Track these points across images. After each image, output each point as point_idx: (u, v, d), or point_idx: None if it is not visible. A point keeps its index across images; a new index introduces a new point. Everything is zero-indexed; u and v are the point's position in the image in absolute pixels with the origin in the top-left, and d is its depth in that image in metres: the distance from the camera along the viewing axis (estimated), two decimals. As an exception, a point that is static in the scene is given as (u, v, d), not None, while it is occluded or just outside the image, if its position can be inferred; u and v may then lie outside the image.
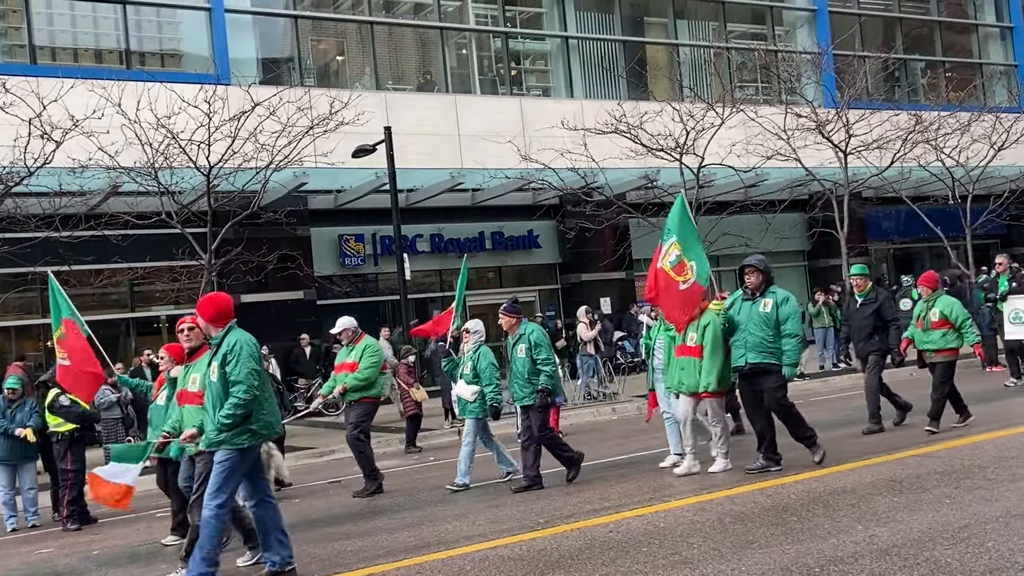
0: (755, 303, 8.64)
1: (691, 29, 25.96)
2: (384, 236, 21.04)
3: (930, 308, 10.19)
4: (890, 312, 10.69)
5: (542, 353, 9.14)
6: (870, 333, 10.67)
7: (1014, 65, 30.16)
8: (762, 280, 8.71)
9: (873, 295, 10.75)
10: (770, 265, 8.90)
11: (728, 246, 20.39)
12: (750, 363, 8.55)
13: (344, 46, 22.69)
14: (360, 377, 9.93)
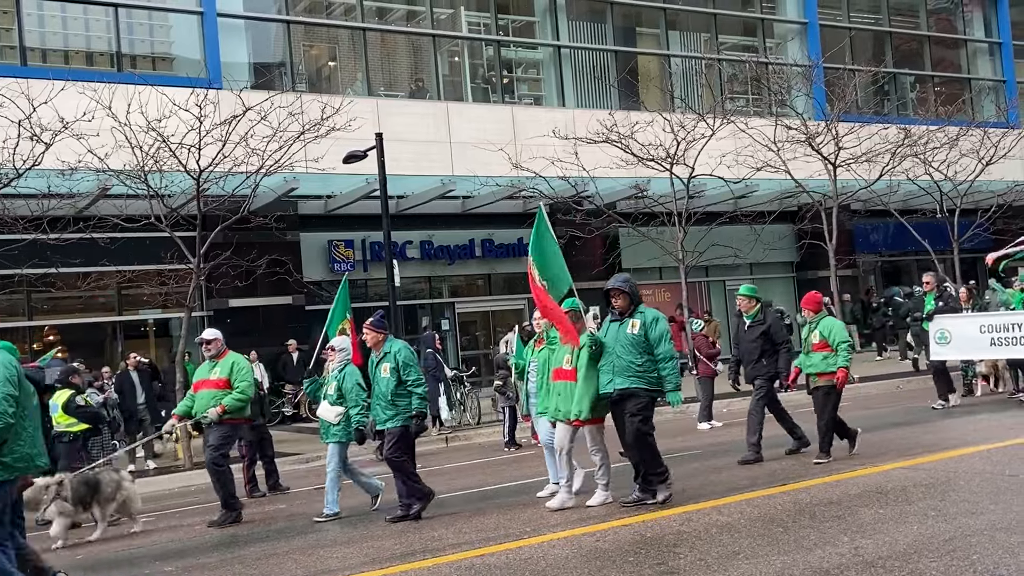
0: (623, 324, 8.12)
1: (683, 40, 26.07)
2: (374, 242, 21.02)
3: (812, 330, 9.75)
4: (779, 335, 10.24)
5: (412, 374, 8.48)
6: (758, 356, 10.23)
7: (1002, 80, 30.38)
8: (629, 302, 8.18)
9: (761, 316, 10.31)
10: (636, 286, 8.39)
11: (717, 256, 20.47)
12: (618, 389, 8.00)
13: (336, 52, 22.69)
14: (243, 397, 9.31)
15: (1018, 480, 7.72)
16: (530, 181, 19.35)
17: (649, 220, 20.32)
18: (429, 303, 22.71)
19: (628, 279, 8.40)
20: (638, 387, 7.95)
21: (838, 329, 9.64)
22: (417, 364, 8.70)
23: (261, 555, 7.71)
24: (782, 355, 10.12)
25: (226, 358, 9.48)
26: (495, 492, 9.90)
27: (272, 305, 19.67)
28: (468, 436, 15.73)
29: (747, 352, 10.42)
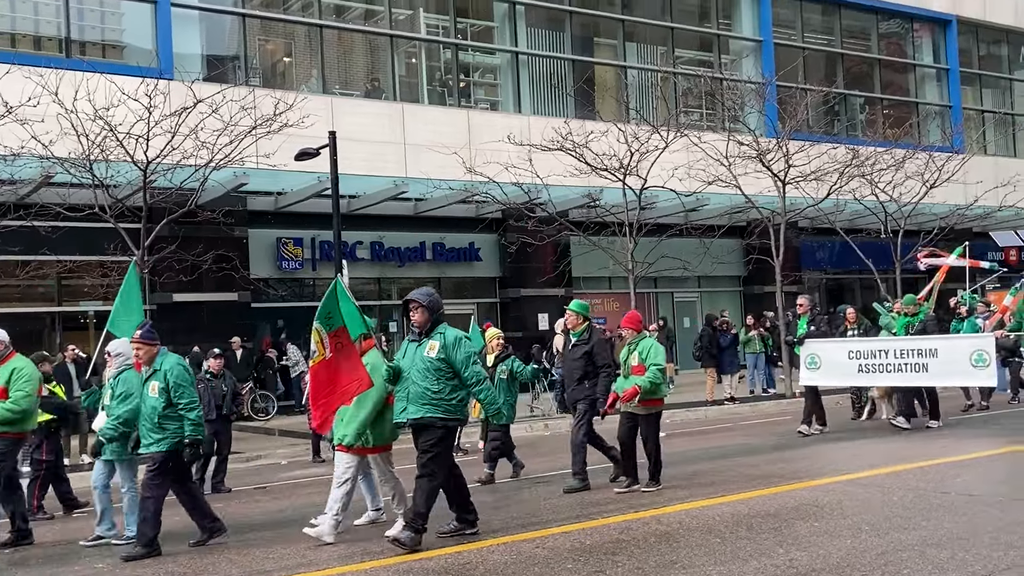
0: (421, 346, 7.17)
1: (640, 52, 26.28)
2: (323, 241, 20.84)
3: (631, 352, 9.13)
4: (602, 356, 9.46)
5: (184, 396, 7.49)
6: (580, 378, 9.48)
7: (948, 106, 31.10)
8: (429, 318, 7.18)
9: (586, 335, 9.53)
10: (439, 300, 7.37)
11: (666, 268, 20.61)
12: (411, 418, 7.06)
13: (292, 48, 22.48)
14: (15, 408, 8.06)
15: (949, 497, 7.87)
16: (483, 186, 19.34)
17: (600, 229, 20.41)
18: (378, 304, 22.56)
19: (431, 292, 7.37)
20: (433, 416, 7.04)
21: (655, 351, 9.08)
22: (192, 384, 7.65)
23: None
24: (602, 379, 9.31)
25: (7, 363, 8.22)
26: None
27: (217, 301, 19.38)
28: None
29: (569, 373, 9.71)
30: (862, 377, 12.90)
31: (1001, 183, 24.33)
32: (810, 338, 13.22)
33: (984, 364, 11.59)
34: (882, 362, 12.46)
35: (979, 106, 32.55)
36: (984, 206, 24.58)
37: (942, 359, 11.99)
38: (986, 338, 12.23)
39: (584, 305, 9.79)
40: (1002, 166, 28.99)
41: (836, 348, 13.05)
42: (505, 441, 10.58)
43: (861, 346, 12.89)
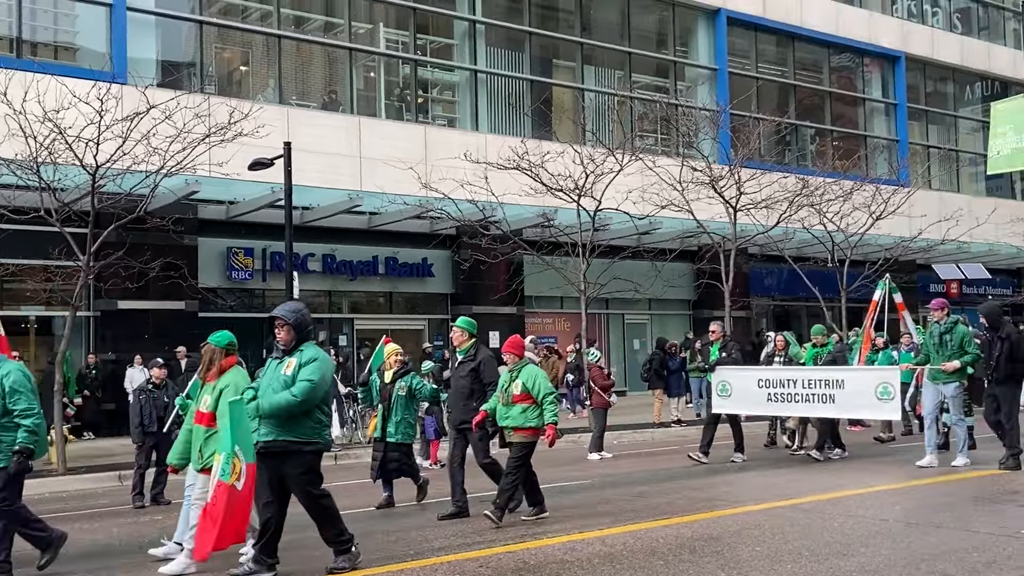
0: (281, 363, 6.79)
1: (597, 75, 26.53)
2: (275, 252, 20.65)
3: (513, 379, 8.71)
4: (489, 373, 9.09)
5: (21, 402, 6.97)
6: (467, 396, 9.16)
7: (895, 140, 31.82)
8: (294, 336, 6.76)
9: (473, 352, 9.20)
10: (306, 318, 6.89)
11: (618, 290, 20.76)
12: (263, 440, 6.63)
13: (249, 57, 22.31)
14: None
15: (887, 524, 8.00)
16: (439, 202, 19.33)
17: (554, 249, 20.51)
18: (328, 318, 22.38)
19: (299, 309, 6.95)
20: (290, 440, 6.60)
21: (542, 379, 8.70)
22: (29, 390, 7.10)
23: None
24: (489, 396, 8.98)
25: None
26: (382, 513, 9.77)
27: (163, 309, 19.08)
28: (358, 454, 15.49)
29: (456, 391, 9.39)
30: (771, 406, 12.91)
31: (944, 217, 24.93)
32: (721, 365, 13.18)
33: (889, 397, 11.63)
34: (790, 391, 12.49)
35: (925, 141, 33.36)
36: (928, 239, 25.15)
37: (848, 391, 12.02)
38: (891, 371, 12.28)
39: (471, 322, 9.45)
40: (946, 201, 29.74)
41: (746, 376, 13.04)
42: (406, 461, 10.04)
43: (771, 375, 12.90)
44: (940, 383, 11.62)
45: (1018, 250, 29.68)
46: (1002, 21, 36.15)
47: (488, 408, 8.93)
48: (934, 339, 11.70)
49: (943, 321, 11.64)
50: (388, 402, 9.95)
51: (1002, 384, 11.37)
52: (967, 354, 11.46)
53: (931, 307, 11.87)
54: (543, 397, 8.60)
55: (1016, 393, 11.57)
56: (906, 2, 33.00)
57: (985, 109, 30.93)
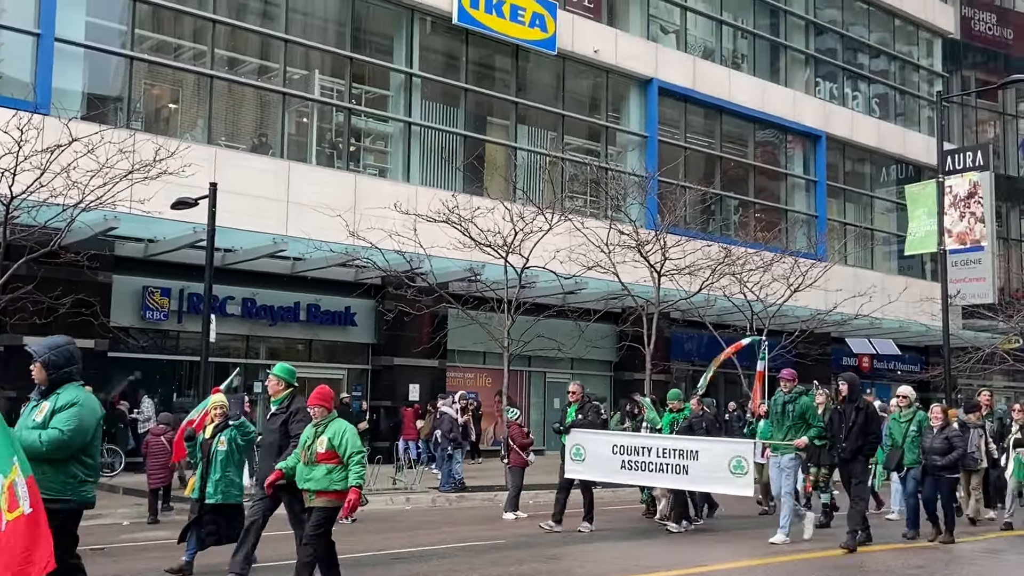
0: (36, 406, 6.06)
1: (531, 135, 26.85)
2: (193, 293, 20.15)
3: (318, 435, 7.75)
4: (297, 427, 8.38)
5: None
6: (276, 453, 8.47)
7: (814, 216, 32.80)
8: (47, 376, 6.05)
9: (287, 403, 8.59)
10: (66, 354, 6.13)
11: (541, 348, 20.75)
12: None
13: (180, 95, 21.99)
14: None
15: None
16: (365, 251, 19.15)
17: (479, 304, 20.46)
18: (245, 363, 21.85)
19: (56, 345, 6.16)
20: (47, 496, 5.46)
21: (351, 435, 7.74)
22: None
23: None
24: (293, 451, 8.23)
25: None
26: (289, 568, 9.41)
27: (72, 347, 18.38)
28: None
29: (267, 446, 8.70)
30: (624, 474, 12.25)
31: (858, 293, 25.67)
32: (577, 427, 12.45)
33: (742, 471, 11.23)
34: (644, 460, 11.90)
35: (842, 218, 34.45)
36: (842, 313, 25.83)
37: (702, 462, 11.54)
38: (745, 444, 11.89)
39: (288, 369, 8.80)
40: (860, 277, 30.67)
41: (601, 441, 12.36)
42: (227, 525, 8.98)
43: (626, 441, 12.36)
44: (779, 453, 11.43)
45: (927, 328, 30.65)
46: (917, 109, 37.84)
47: (285, 467, 7.96)
48: (777, 408, 11.51)
49: (788, 391, 11.45)
50: (207, 459, 9.05)
51: (850, 463, 11.16)
52: (811, 427, 11.31)
53: (780, 376, 11.64)
54: (350, 456, 7.62)
55: (866, 472, 11.42)
56: (828, 84, 34.31)
57: (900, 191, 32.18)
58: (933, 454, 11.71)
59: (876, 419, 11.40)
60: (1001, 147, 41.31)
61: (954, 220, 22.58)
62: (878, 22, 36.32)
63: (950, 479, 11.94)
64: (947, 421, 12.08)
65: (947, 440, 11.76)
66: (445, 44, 25.36)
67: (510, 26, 24.99)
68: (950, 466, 11.75)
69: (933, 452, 11.72)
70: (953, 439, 11.79)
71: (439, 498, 16.59)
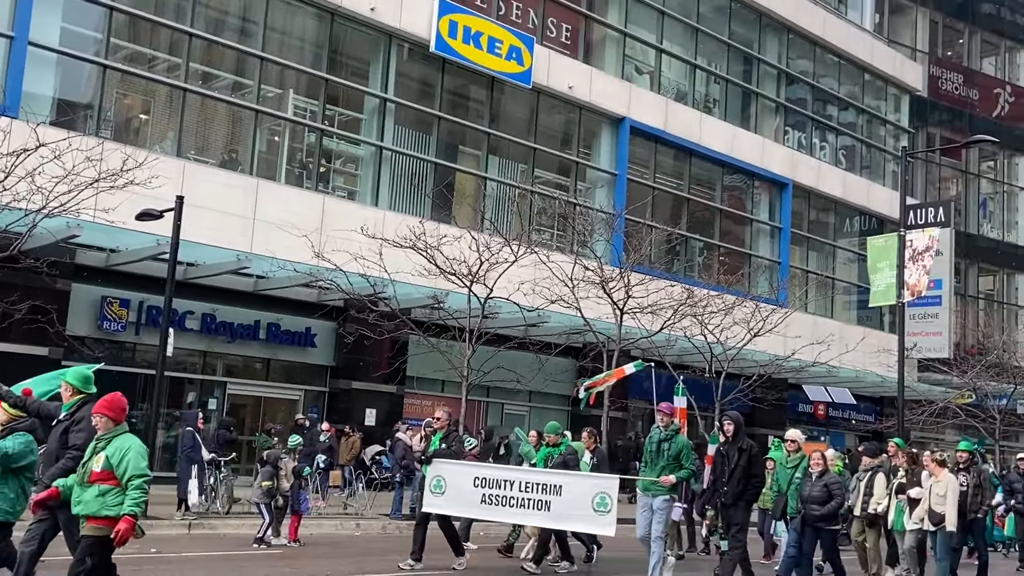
0: None
1: (501, 166, 26.99)
2: (152, 306, 19.94)
3: (96, 451, 6.82)
4: (77, 436, 7.51)
5: None
6: (55, 462, 7.63)
7: (777, 262, 33.21)
8: None
9: (75, 409, 7.73)
10: None
11: (500, 379, 20.76)
12: None
13: (151, 106, 21.86)
14: None
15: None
16: (329, 273, 19.09)
17: (441, 332, 20.43)
18: (200, 379, 21.62)
19: None
20: None
21: (134, 454, 6.74)
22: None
23: None
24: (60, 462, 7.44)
25: None
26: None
27: (25, 354, 18.07)
28: (214, 525, 14.84)
29: (45, 459, 7.89)
30: (485, 509, 11.46)
31: (817, 340, 25.98)
32: (440, 458, 11.65)
33: (606, 509, 10.61)
34: (506, 494, 11.08)
35: (804, 266, 34.90)
36: (800, 360, 26.09)
37: (565, 499, 10.85)
38: (610, 480, 11.15)
39: (83, 376, 7.92)
40: (819, 325, 31.05)
41: (463, 472, 11.56)
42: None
43: (488, 473, 11.56)
44: (650, 494, 10.74)
45: (882, 379, 31.06)
46: (883, 162, 38.57)
47: (63, 485, 6.97)
48: (652, 446, 10.82)
49: (666, 428, 10.79)
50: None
51: (732, 507, 10.74)
52: (683, 468, 10.68)
53: (658, 410, 10.98)
54: (129, 479, 6.64)
55: (746, 518, 10.94)
56: (797, 134, 34.90)
57: (862, 242, 32.69)
58: (811, 503, 10.95)
59: (760, 461, 10.91)
60: (963, 205, 42.17)
61: (911, 273, 22.98)
62: (848, 75, 37.08)
63: (830, 531, 11.22)
64: (827, 467, 11.26)
65: (826, 488, 10.96)
66: (421, 71, 25.51)
67: (487, 57, 25.20)
68: (829, 516, 10.97)
69: (811, 501, 10.95)
70: (832, 487, 11.00)
71: (389, 525, 16.45)
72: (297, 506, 13.65)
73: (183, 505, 15.03)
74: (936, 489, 11.88)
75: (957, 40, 43.99)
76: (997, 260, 43.32)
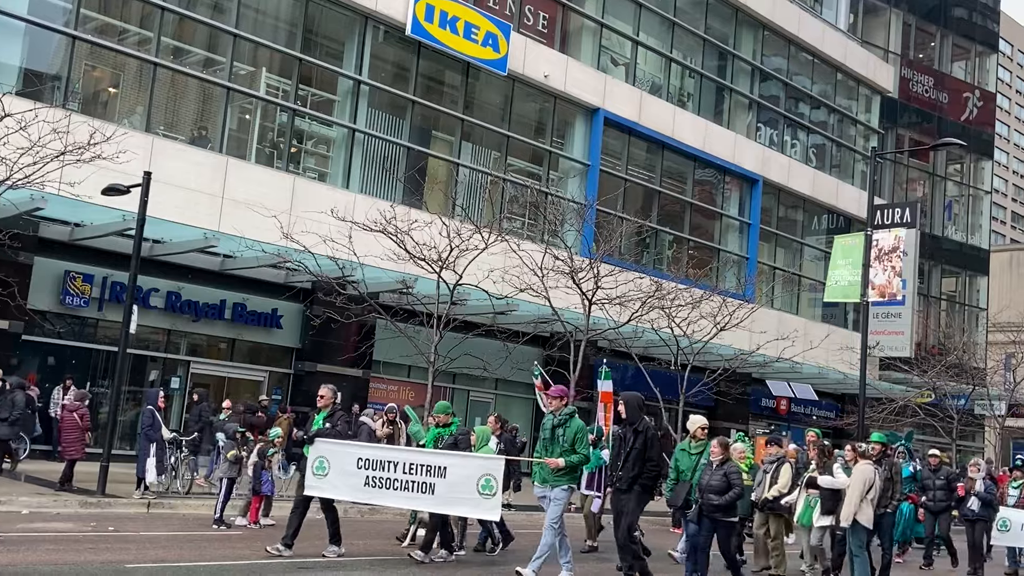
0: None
1: (475, 153, 26.91)
2: (116, 282, 19.69)
3: None
4: None
5: None
6: None
7: (746, 257, 33.45)
8: None
9: None
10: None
11: (467, 366, 20.74)
12: None
13: (121, 80, 21.55)
14: None
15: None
16: (298, 254, 18.94)
17: (409, 317, 20.36)
18: (163, 357, 21.41)
19: None
20: None
21: None
22: None
23: None
24: None
25: None
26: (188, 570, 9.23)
27: (-16, 327, 17.82)
28: (174, 505, 14.72)
29: None
30: (369, 492, 10.79)
31: (782, 336, 26.20)
32: (323, 437, 10.96)
33: (491, 492, 10.01)
34: (390, 476, 10.45)
35: (772, 262, 35.19)
36: (764, 355, 26.31)
37: (450, 480, 10.22)
38: (496, 461, 10.55)
39: None
40: (784, 321, 31.34)
41: (347, 453, 10.84)
42: None
43: (372, 454, 10.86)
44: (548, 486, 10.10)
45: (844, 376, 31.44)
46: (852, 162, 38.94)
47: None
48: (546, 433, 10.26)
49: (559, 412, 10.19)
50: None
51: (627, 492, 10.23)
52: (576, 453, 10.08)
53: (549, 394, 10.39)
54: None
55: (641, 504, 10.42)
56: (769, 131, 35.12)
57: (829, 240, 32.97)
58: (710, 492, 10.42)
59: (657, 445, 10.35)
60: (929, 206, 42.72)
61: (877, 273, 23.22)
62: (821, 74, 37.36)
63: (728, 523, 10.65)
64: (727, 456, 10.72)
65: (725, 477, 10.40)
66: (396, 55, 25.35)
67: (463, 43, 25.09)
68: (726, 507, 10.41)
69: (710, 490, 10.42)
70: (732, 476, 10.43)
71: (351, 509, 16.40)
72: (259, 487, 13.59)
73: (141, 484, 14.90)
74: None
75: (929, 43, 44.46)
76: (960, 262, 43.97)
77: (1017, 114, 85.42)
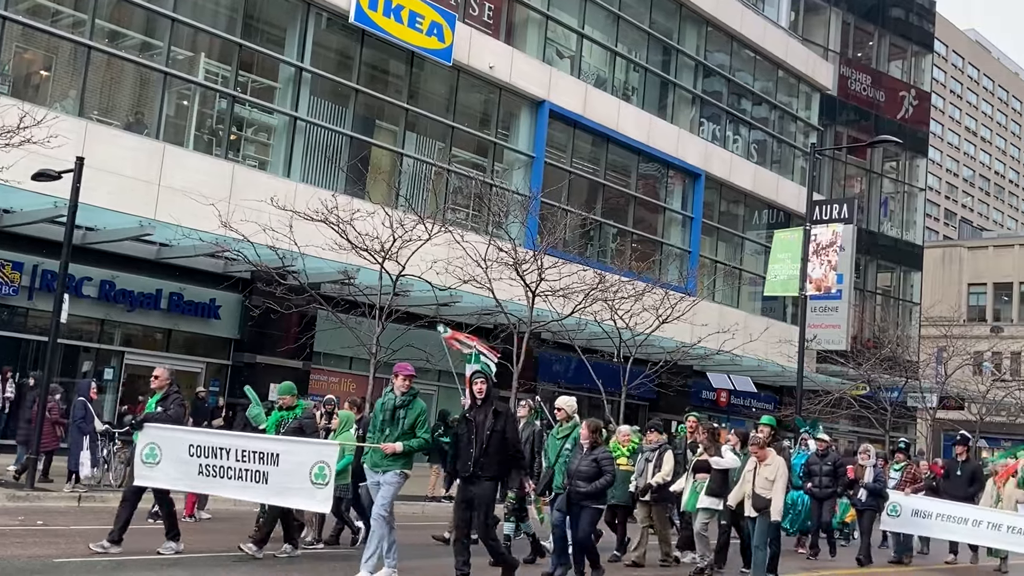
0: None
1: (419, 143, 26.69)
2: (47, 270, 19.13)
3: None
4: None
5: None
6: None
7: (688, 251, 33.74)
8: None
9: None
10: None
11: (409, 358, 20.53)
12: None
13: (53, 63, 20.92)
14: None
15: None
16: (237, 243, 18.60)
17: (351, 308, 20.14)
18: (96, 348, 20.87)
19: None
20: None
21: None
22: None
23: None
24: None
25: None
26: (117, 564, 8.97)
27: (-94, 316, 17.18)
28: (106, 498, 14.34)
29: None
30: (203, 481, 10.05)
31: (723, 329, 26.50)
32: (153, 422, 10.15)
33: (324, 482, 9.27)
34: (222, 464, 9.68)
35: (714, 256, 35.55)
36: (705, 348, 26.59)
37: (283, 468, 9.48)
38: (331, 447, 9.81)
39: None
40: (725, 314, 31.70)
41: (178, 439, 10.01)
42: None
43: (203, 440, 10.02)
44: (380, 471, 9.28)
45: (783, 369, 31.91)
46: (792, 158, 39.50)
47: None
48: (385, 414, 9.36)
49: (401, 393, 9.38)
50: None
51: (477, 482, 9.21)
52: (417, 438, 9.30)
53: (399, 371, 9.48)
54: None
55: (493, 497, 9.49)
56: (711, 126, 35.45)
57: (769, 235, 33.42)
58: (578, 478, 9.94)
59: (515, 427, 9.63)
60: (865, 202, 43.53)
61: (815, 267, 23.60)
62: (763, 71, 37.81)
63: (593, 510, 10.10)
64: (597, 441, 10.22)
65: (596, 463, 9.95)
66: (339, 42, 25.01)
67: (407, 32, 24.84)
68: (595, 494, 9.99)
69: (579, 476, 9.94)
70: (603, 462, 10.00)
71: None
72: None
73: (74, 477, 14.51)
74: (764, 472, 10.89)
75: (867, 42, 45.28)
76: (895, 258, 44.94)
77: (951, 113, 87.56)
